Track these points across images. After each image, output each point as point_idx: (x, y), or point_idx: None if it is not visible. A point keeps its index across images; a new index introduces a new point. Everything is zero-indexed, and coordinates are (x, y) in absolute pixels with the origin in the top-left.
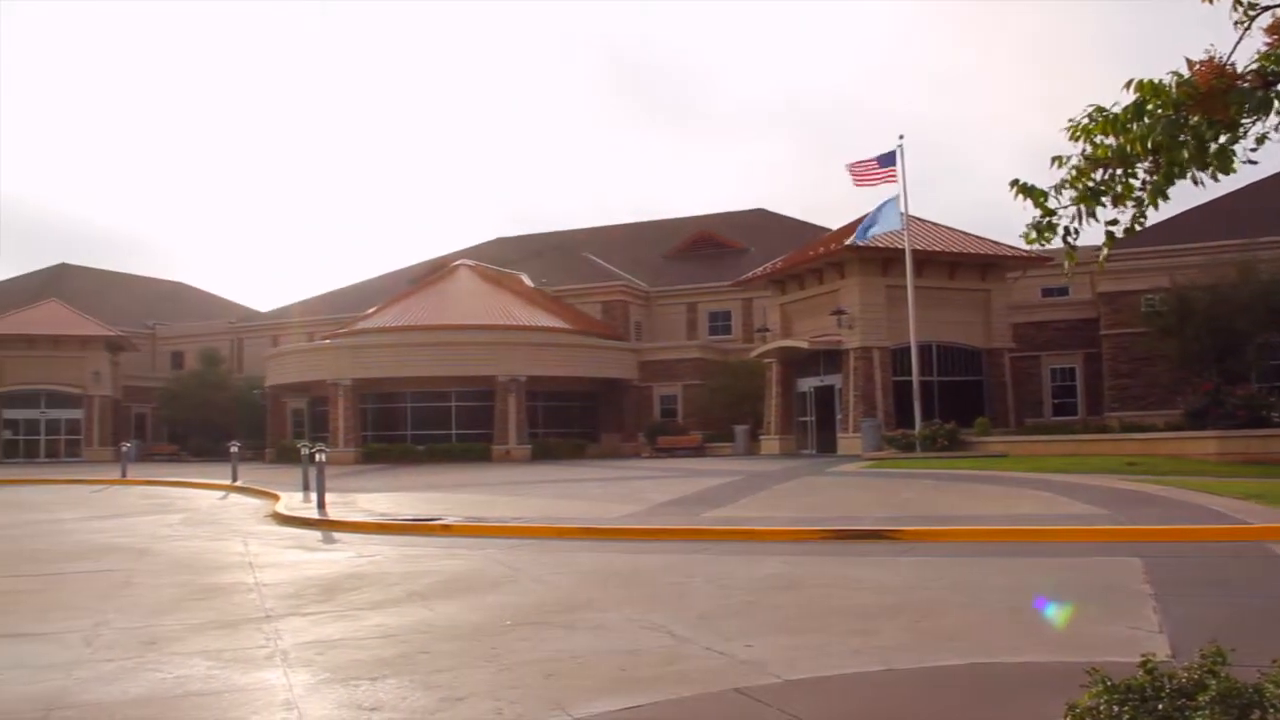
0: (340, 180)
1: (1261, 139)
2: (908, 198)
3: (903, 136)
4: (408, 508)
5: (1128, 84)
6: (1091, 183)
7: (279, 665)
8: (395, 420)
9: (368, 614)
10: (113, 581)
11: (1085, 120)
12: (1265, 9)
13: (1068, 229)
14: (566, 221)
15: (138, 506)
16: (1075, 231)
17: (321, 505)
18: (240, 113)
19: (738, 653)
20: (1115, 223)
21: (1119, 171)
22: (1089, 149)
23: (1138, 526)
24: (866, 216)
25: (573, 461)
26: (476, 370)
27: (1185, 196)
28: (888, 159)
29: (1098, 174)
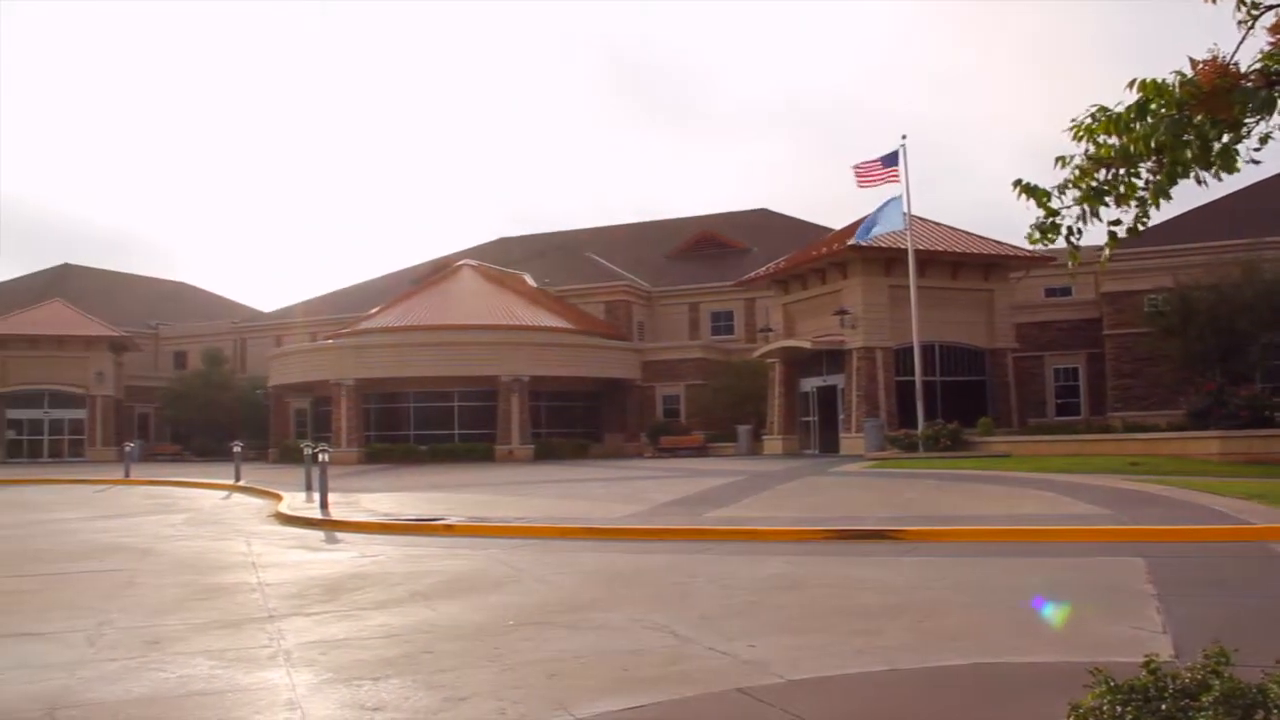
0: (342, 180)
1: (1265, 139)
2: (910, 198)
3: (905, 136)
4: (410, 508)
5: (1131, 83)
6: (1095, 182)
7: (282, 665)
8: (398, 420)
9: (371, 614)
10: (116, 581)
11: (1088, 120)
12: (1269, 8)
13: (1071, 229)
14: (569, 221)
15: (141, 506)
16: (1079, 232)
17: (324, 505)
18: (242, 113)
19: (740, 653)
20: (1118, 223)
21: (1122, 171)
22: (1092, 149)
23: (1140, 527)
24: (868, 216)
25: (575, 461)
26: (479, 370)
27: (1188, 196)
28: (891, 159)
29: (1101, 174)
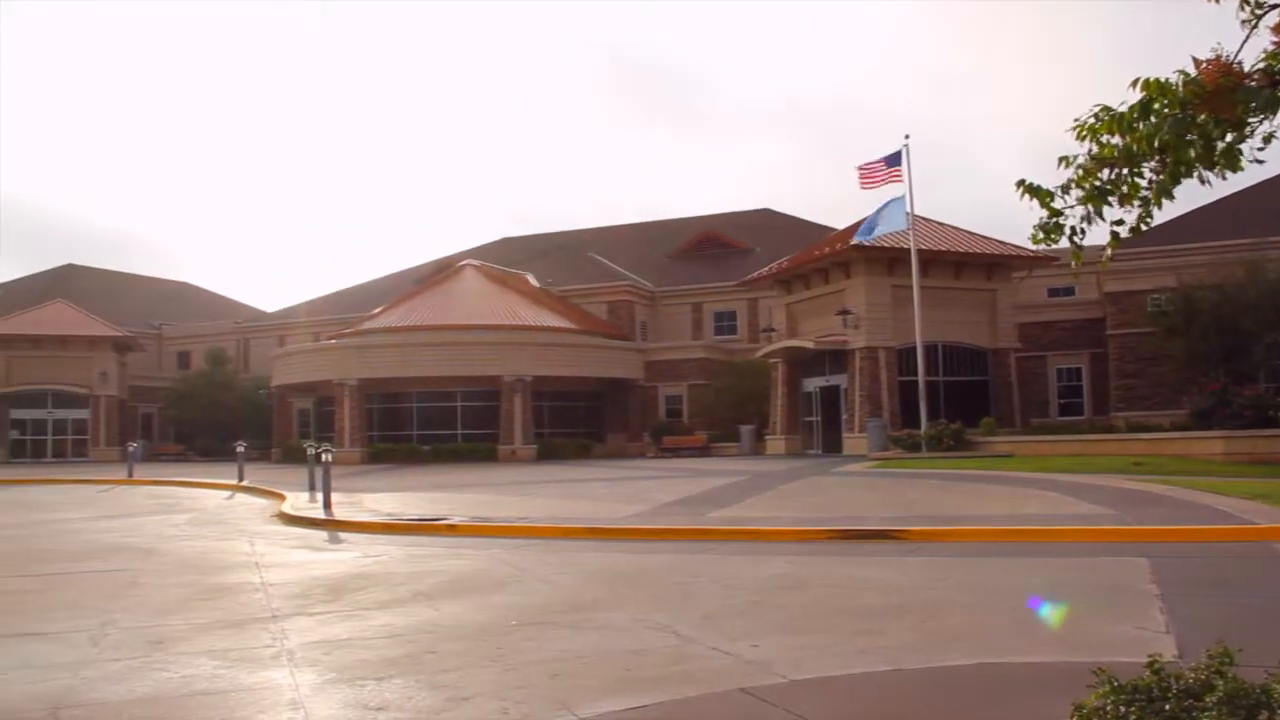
0: (345, 180)
1: (1269, 138)
2: (913, 197)
3: (908, 136)
4: (413, 508)
5: (1134, 83)
6: (1098, 182)
7: (285, 665)
8: (401, 420)
9: (374, 614)
10: (119, 581)
11: (1091, 120)
12: (1272, 8)
13: (1074, 229)
14: (571, 221)
15: (144, 506)
16: (1082, 232)
17: (327, 505)
18: (245, 113)
19: (743, 653)
20: (1121, 223)
21: (1125, 171)
22: (1095, 148)
23: (1144, 527)
24: (870, 216)
25: (578, 461)
26: (482, 370)
27: (1191, 196)
28: (894, 159)
29: (1104, 174)
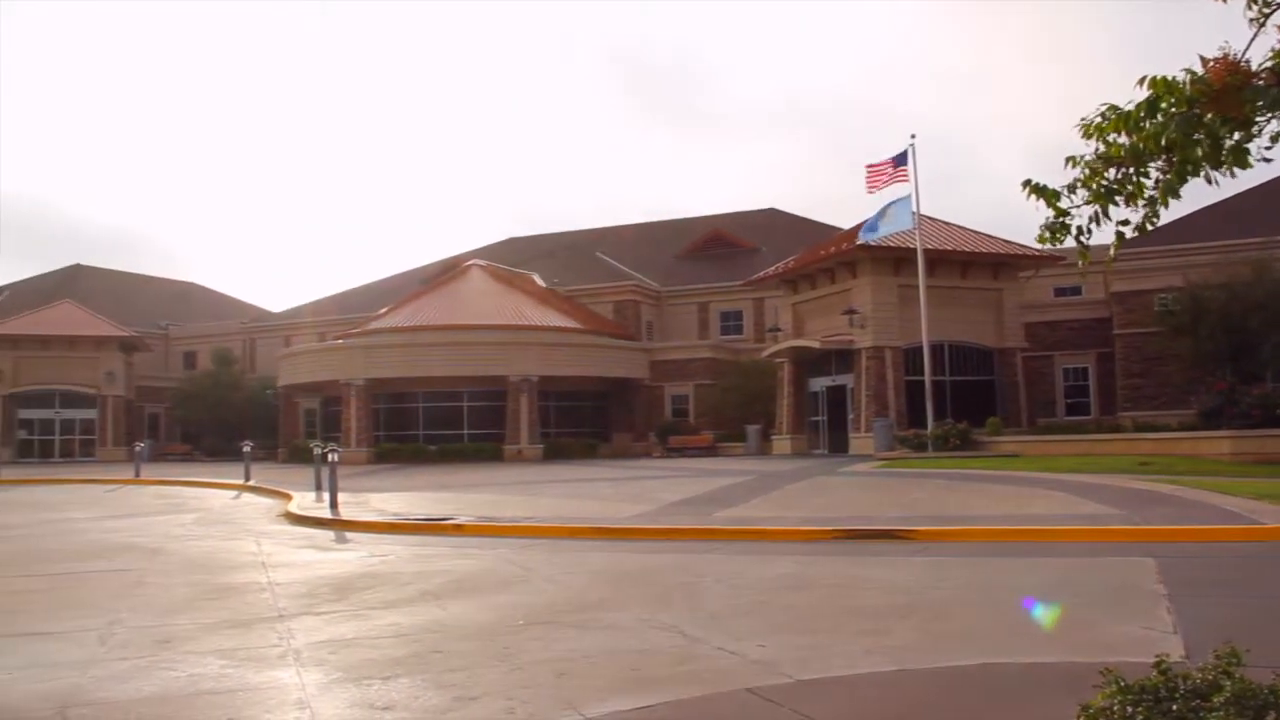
0: (351, 181)
1: (1276, 137)
2: (919, 197)
3: (914, 136)
4: (420, 507)
5: (1141, 80)
6: (1105, 182)
7: (292, 664)
8: (407, 420)
9: (380, 613)
10: (126, 581)
11: (1098, 119)
12: None
13: (1081, 229)
14: (577, 221)
15: (151, 506)
16: (1088, 231)
17: (334, 505)
18: (251, 114)
19: (749, 652)
20: (1126, 223)
21: (1131, 170)
22: (1102, 147)
23: (1151, 527)
24: (872, 216)
25: (584, 461)
26: (488, 370)
27: (1198, 195)
28: (900, 159)
29: (1111, 173)
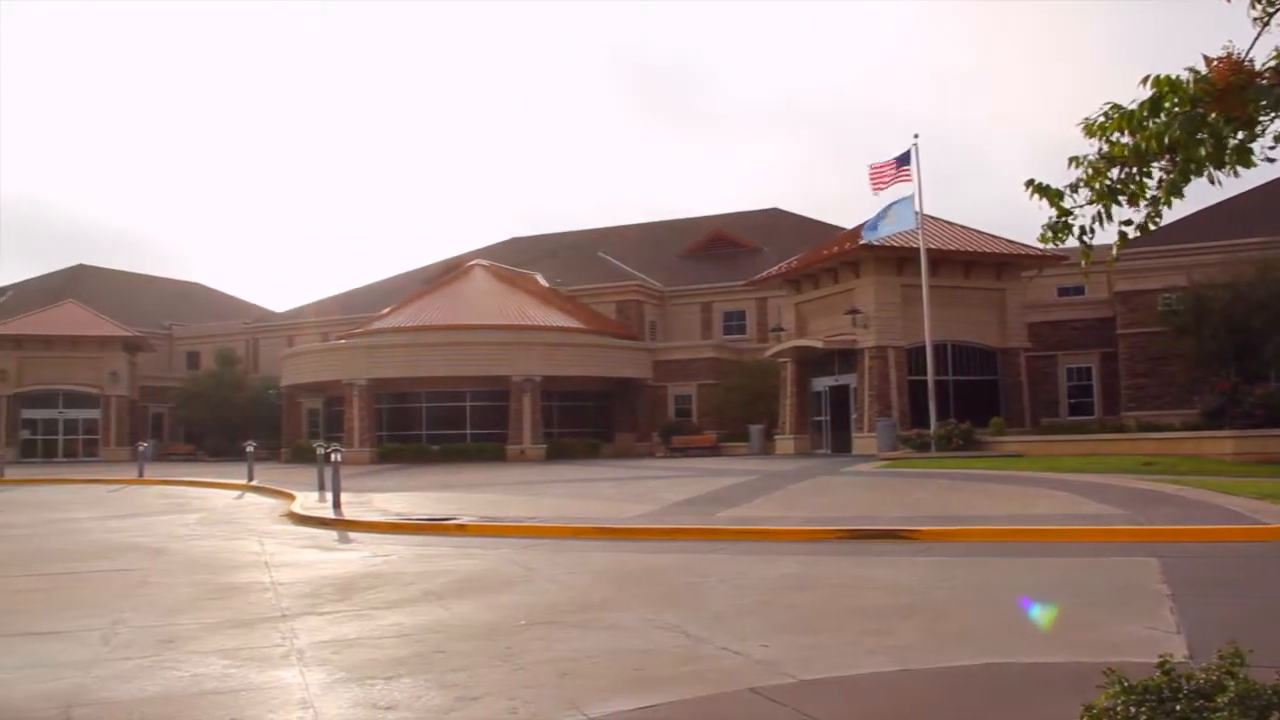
0: (354, 181)
1: None
2: (922, 197)
3: (917, 135)
4: (423, 507)
5: (1144, 79)
6: (1108, 181)
7: (295, 664)
8: (410, 420)
9: (383, 613)
10: (129, 581)
11: (1101, 118)
12: None
13: (1083, 229)
14: (580, 221)
15: (154, 506)
16: (1091, 231)
17: (337, 505)
18: (253, 114)
19: (753, 652)
20: (1129, 223)
21: (1135, 170)
22: (1105, 147)
23: (1154, 526)
24: (872, 218)
25: (587, 461)
26: (491, 370)
27: (1202, 195)
28: (903, 159)
29: (1114, 172)
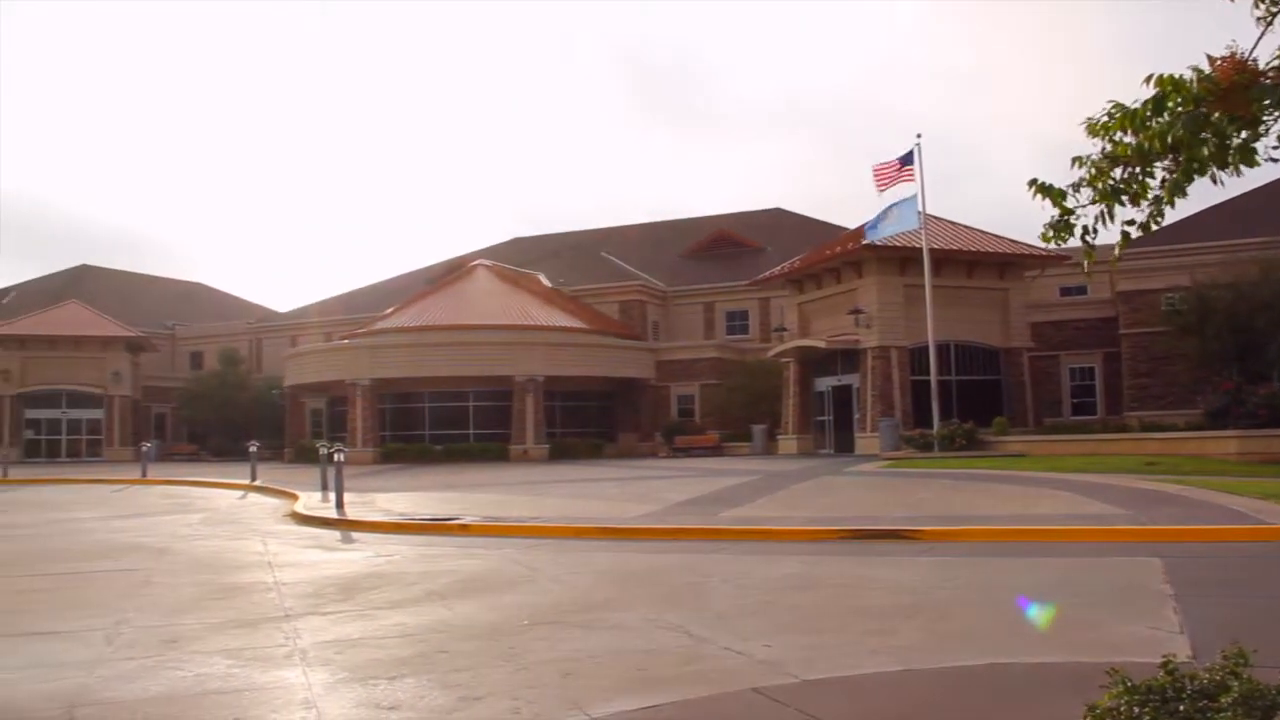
0: (357, 182)
1: None
2: (925, 197)
3: (920, 135)
4: (426, 507)
5: (1148, 79)
6: (1111, 181)
7: (298, 664)
8: (413, 420)
9: (386, 613)
10: (133, 580)
11: (1104, 117)
12: None
13: (1086, 228)
14: (583, 221)
15: (157, 506)
16: (1094, 231)
17: (340, 505)
18: (256, 114)
19: (755, 652)
20: (1132, 222)
21: (1137, 170)
22: (1109, 146)
23: (1158, 526)
24: (873, 218)
25: (590, 461)
26: (494, 370)
27: (1205, 195)
28: (906, 159)
29: (1117, 172)
